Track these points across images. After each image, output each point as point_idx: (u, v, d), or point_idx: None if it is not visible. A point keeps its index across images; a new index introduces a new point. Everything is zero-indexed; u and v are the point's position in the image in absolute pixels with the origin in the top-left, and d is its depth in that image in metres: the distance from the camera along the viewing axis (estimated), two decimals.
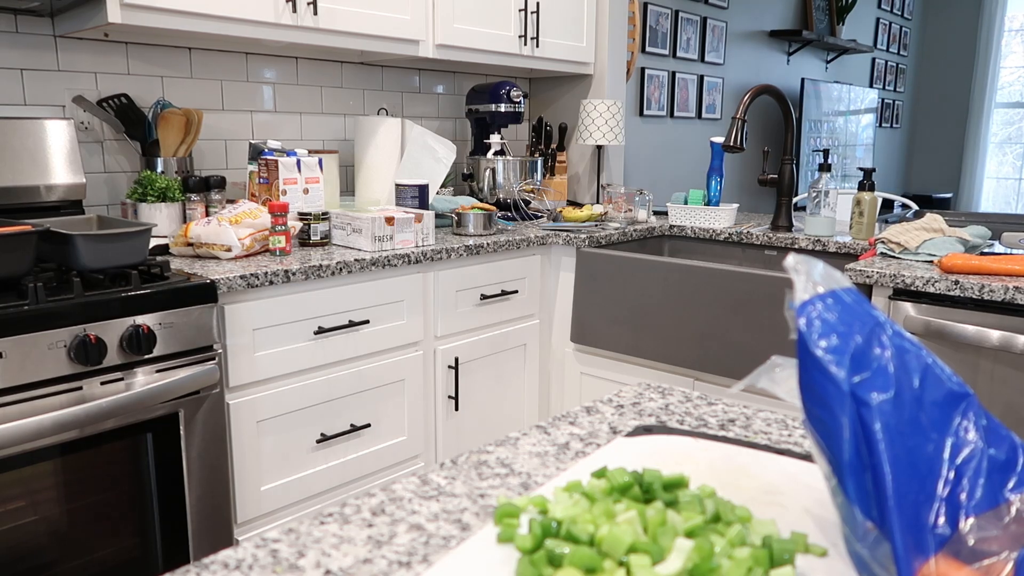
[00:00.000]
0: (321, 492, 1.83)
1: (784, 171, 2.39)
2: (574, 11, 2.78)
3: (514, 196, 2.53)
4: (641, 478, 0.58)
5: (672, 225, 2.58)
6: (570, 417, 0.81)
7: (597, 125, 2.80)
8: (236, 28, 1.88)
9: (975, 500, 0.46)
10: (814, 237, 2.24)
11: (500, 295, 2.17)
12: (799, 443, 0.75)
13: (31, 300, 1.33)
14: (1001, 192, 6.73)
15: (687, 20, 4.08)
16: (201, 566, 0.54)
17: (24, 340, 1.31)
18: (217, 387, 1.58)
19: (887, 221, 2.56)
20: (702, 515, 0.54)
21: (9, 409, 1.30)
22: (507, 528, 0.55)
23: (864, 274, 1.72)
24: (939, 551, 0.44)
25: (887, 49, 6.37)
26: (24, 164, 1.80)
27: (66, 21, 1.86)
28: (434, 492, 0.65)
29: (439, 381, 2.07)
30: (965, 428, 0.48)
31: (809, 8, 5.12)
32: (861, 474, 0.47)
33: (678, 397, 0.88)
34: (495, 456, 0.72)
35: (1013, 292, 1.54)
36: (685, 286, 2.00)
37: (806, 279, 0.52)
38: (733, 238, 2.43)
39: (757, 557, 0.49)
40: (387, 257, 1.86)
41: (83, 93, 1.94)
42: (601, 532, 0.50)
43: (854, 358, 0.49)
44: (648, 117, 3.97)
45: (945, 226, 1.89)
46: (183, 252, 1.79)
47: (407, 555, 0.55)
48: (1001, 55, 6.48)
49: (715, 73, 4.41)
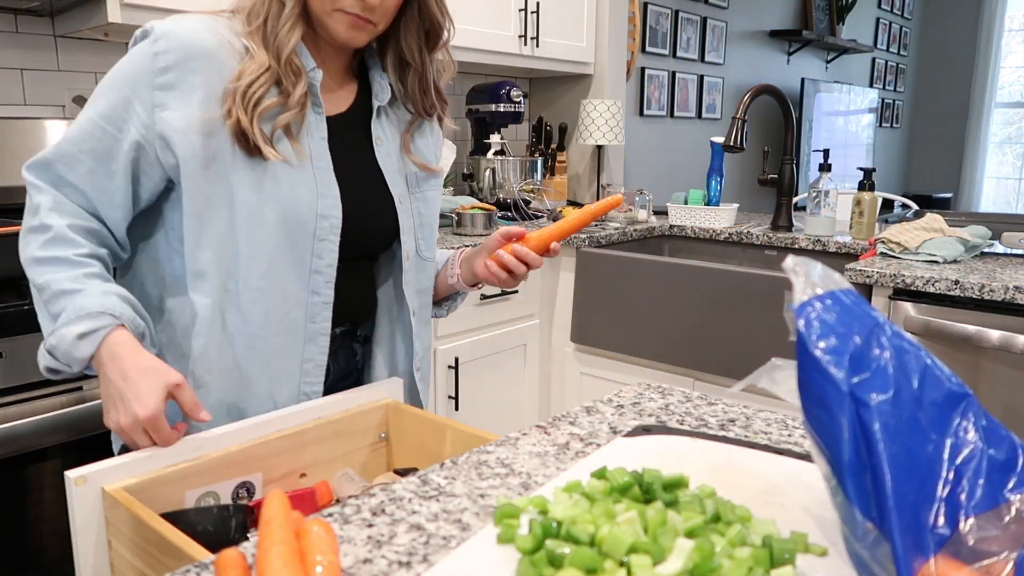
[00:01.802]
0: None
1: (784, 171, 2.39)
2: (574, 11, 2.78)
3: (514, 196, 2.53)
4: (641, 478, 0.58)
5: (672, 225, 2.58)
6: (570, 417, 0.81)
7: (597, 125, 2.80)
8: None
9: (975, 500, 0.46)
10: (814, 237, 2.24)
11: (500, 295, 2.17)
12: (799, 443, 0.75)
13: (31, 300, 1.33)
14: (1001, 192, 6.73)
15: (687, 20, 4.08)
16: (201, 566, 0.54)
17: (24, 340, 1.31)
18: None
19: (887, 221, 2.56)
20: (702, 515, 0.54)
21: (9, 409, 1.31)
22: (507, 528, 0.55)
23: (864, 274, 1.72)
24: (939, 551, 0.44)
25: (887, 49, 6.37)
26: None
27: (66, 21, 1.86)
28: (434, 492, 0.65)
29: (439, 381, 2.07)
30: (965, 428, 0.48)
31: (809, 8, 5.12)
32: (861, 474, 0.47)
33: (678, 397, 0.88)
34: (495, 456, 0.72)
35: (1013, 292, 1.54)
36: (685, 286, 2.00)
37: (805, 280, 0.52)
38: (733, 238, 2.43)
39: (757, 557, 0.50)
40: None
41: (83, 93, 1.94)
42: (601, 532, 0.51)
43: (853, 359, 0.49)
44: (648, 117, 3.97)
45: (945, 226, 1.89)
46: None
47: (407, 555, 0.55)
48: (1001, 55, 6.48)
49: (715, 73, 4.41)
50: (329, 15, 0.94)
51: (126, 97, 0.91)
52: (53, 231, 0.90)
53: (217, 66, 0.91)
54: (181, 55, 0.90)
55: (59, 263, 0.89)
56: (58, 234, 0.90)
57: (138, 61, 0.91)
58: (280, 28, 0.92)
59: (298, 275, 0.97)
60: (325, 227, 0.97)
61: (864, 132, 5.95)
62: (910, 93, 6.95)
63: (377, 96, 1.05)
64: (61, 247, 0.90)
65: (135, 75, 0.91)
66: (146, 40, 0.92)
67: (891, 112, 6.61)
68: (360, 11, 0.93)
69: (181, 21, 0.92)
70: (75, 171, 0.92)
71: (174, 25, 0.91)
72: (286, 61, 0.93)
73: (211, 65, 0.91)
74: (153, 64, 0.90)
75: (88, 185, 0.92)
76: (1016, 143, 6.62)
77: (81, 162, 0.92)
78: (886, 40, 6.32)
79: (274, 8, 0.93)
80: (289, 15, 0.92)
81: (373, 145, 1.05)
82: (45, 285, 0.88)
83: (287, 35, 0.92)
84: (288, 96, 0.93)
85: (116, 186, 0.92)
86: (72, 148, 0.92)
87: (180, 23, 0.91)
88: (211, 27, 0.93)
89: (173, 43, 0.90)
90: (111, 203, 0.93)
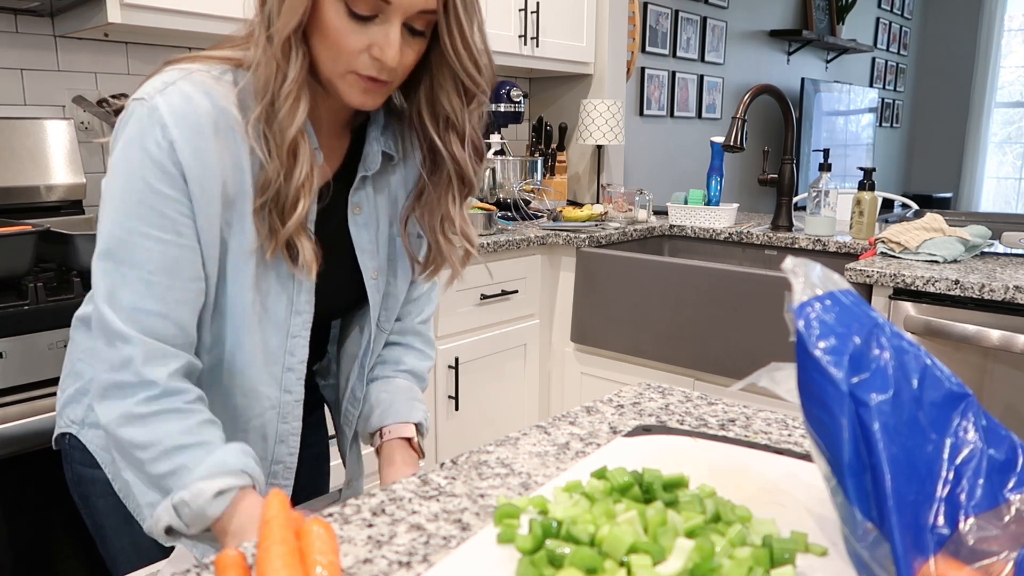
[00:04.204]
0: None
1: (784, 171, 2.39)
2: (574, 11, 2.78)
3: (514, 196, 2.53)
4: (641, 478, 0.58)
5: (672, 225, 2.58)
6: (570, 417, 0.81)
7: (597, 125, 2.80)
8: (236, 28, 1.87)
9: (975, 500, 0.46)
10: (814, 237, 2.24)
11: (500, 295, 2.17)
12: (799, 443, 0.75)
13: (31, 300, 1.33)
14: (1001, 192, 6.72)
15: (687, 20, 4.08)
16: (202, 566, 0.54)
17: (24, 340, 1.31)
18: None
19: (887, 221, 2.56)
20: (702, 515, 0.54)
21: (9, 409, 1.31)
22: (507, 528, 0.55)
23: (864, 274, 1.72)
24: (939, 551, 0.44)
25: (887, 49, 6.37)
26: (24, 164, 1.80)
27: (66, 21, 1.86)
28: (434, 492, 0.65)
29: (439, 381, 2.07)
30: (964, 428, 0.48)
31: (809, 8, 5.12)
32: (860, 474, 0.47)
33: (678, 397, 0.88)
34: (495, 456, 0.72)
35: (1013, 292, 1.54)
36: (685, 286, 2.00)
37: (804, 281, 0.52)
38: (733, 238, 2.43)
39: (757, 557, 0.50)
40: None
41: (83, 93, 1.94)
42: (601, 532, 0.51)
43: (853, 359, 0.49)
44: (648, 117, 3.97)
45: (945, 226, 1.89)
46: None
47: (407, 555, 0.55)
48: (1001, 55, 6.48)
49: (715, 73, 4.41)
50: (342, 77, 0.83)
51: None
52: (160, 387, 0.80)
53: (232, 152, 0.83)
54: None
55: (168, 415, 0.80)
56: (166, 389, 0.80)
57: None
58: (282, 105, 0.80)
59: (271, 375, 0.91)
60: (298, 324, 0.90)
61: (864, 132, 5.94)
62: (910, 93, 6.95)
63: (366, 165, 0.94)
64: (170, 400, 0.80)
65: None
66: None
67: (891, 112, 6.60)
68: (376, 73, 0.82)
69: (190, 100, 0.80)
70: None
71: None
72: (289, 151, 0.81)
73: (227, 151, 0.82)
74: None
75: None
76: (1016, 143, 6.62)
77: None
78: (886, 40, 6.32)
79: (277, 81, 0.80)
80: (292, 84, 0.80)
81: (348, 214, 0.95)
82: (152, 443, 0.79)
83: (289, 113, 0.80)
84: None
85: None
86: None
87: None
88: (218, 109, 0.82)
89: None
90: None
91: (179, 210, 0.80)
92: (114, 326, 0.79)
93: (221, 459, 0.79)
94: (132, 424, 0.79)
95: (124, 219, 0.79)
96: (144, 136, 0.79)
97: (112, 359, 0.79)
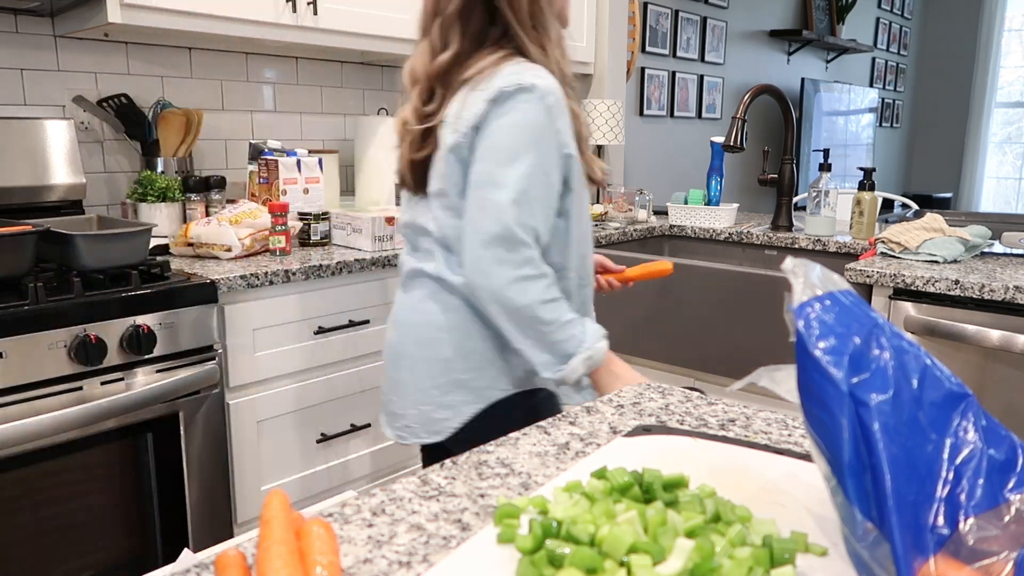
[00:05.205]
0: (321, 492, 1.83)
1: (784, 171, 2.39)
2: (574, 11, 2.77)
3: None
4: (641, 478, 0.58)
5: (672, 225, 2.58)
6: (570, 417, 0.81)
7: (597, 125, 2.79)
8: (236, 28, 1.87)
9: (975, 500, 0.46)
10: (814, 237, 2.24)
11: None
12: (799, 443, 0.75)
13: (31, 300, 1.33)
14: (1001, 192, 6.72)
15: (687, 20, 4.08)
16: (201, 566, 0.54)
17: (24, 340, 1.31)
18: (217, 387, 1.58)
19: (887, 221, 2.56)
20: (702, 515, 0.54)
21: (9, 409, 1.30)
22: (507, 528, 0.55)
23: (864, 274, 1.72)
24: (939, 551, 0.44)
25: (887, 49, 6.37)
26: (24, 164, 1.80)
27: (66, 21, 1.86)
28: (434, 492, 0.65)
29: None
30: (964, 428, 0.48)
31: (809, 8, 5.12)
32: (860, 474, 0.47)
33: (678, 397, 0.88)
34: (495, 456, 0.72)
35: (1013, 292, 1.54)
36: (685, 286, 2.00)
37: (804, 281, 0.52)
38: (733, 238, 2.43)
39: (757, 557, 0.50)
40: (387, 257, 1.86)
41: (83, 93, 1.94)
42: (601, 532, 0.51)
43: (853, 359, 0.49)
44: (648, 117, 3.96)
45: (945, 226, 1.89)
46: (183, 252, 1.79)
47: (407, 555, 0.55)
48: (1001, 55, 6.48)
49: (715, 73, 4.41)
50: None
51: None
52: (549, 277, 1.12)
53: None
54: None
55: (560, 301, 1.11)
56: (552, 279, 1.12)
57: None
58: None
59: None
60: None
61: (864, 132, 5.94)
62: (910, 93, 6.95)
63: None
64: (556, 288, 1.13)
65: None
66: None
67: (891, 112, 6.60)
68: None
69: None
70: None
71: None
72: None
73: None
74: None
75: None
76: (1016, 143, 6.62)
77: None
78: (886, 40, 6.32)
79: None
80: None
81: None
82: (555, 319, 1.10)
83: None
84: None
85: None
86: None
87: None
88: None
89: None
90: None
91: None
92: (518, 235, 1.08)
93: (597, 328, 1.15)
94: (546, 305, 1.09)
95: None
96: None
97: (516, 259, 1.08)
